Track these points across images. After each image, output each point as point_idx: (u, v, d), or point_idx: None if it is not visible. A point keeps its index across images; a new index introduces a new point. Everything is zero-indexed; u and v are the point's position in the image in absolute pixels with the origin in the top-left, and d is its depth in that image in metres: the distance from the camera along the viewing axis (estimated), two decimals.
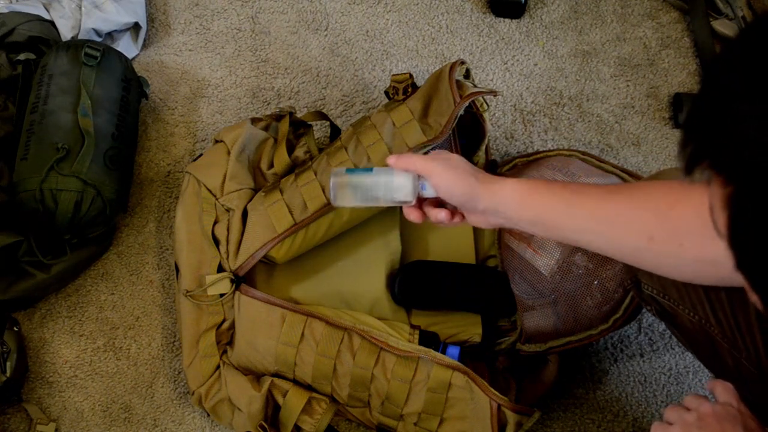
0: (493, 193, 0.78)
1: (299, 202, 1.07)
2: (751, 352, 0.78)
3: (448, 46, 1.39)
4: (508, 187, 0.77)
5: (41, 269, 1.16)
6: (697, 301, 0.81)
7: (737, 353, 0.79)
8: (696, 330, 0.83)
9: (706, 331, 0.82)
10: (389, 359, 1.02)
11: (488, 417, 1.00)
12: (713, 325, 0.80)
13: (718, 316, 0.79)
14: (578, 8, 1.41)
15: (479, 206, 0.78)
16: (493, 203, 0.78)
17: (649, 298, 0.87)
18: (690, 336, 0.86)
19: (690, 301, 0.82)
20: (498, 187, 0.78)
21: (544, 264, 1.06)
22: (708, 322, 0.81)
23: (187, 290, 1.09)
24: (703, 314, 0.81)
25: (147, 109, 1.35)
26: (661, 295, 0.85)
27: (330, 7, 1.42)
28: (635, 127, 1.32)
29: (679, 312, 0.84)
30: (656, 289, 0.85)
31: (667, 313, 0.87)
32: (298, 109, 1.34)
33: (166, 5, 1.43)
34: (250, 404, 1.04)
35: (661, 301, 0.85)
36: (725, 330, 0.80)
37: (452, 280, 1.12)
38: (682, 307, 0.83)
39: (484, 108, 1.12)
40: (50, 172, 1.11)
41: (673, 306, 0.84)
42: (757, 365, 0.78)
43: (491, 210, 0.78)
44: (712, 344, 0.82)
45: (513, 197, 0.77)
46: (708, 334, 0.82)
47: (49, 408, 1.18)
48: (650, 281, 0.86)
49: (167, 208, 1.29)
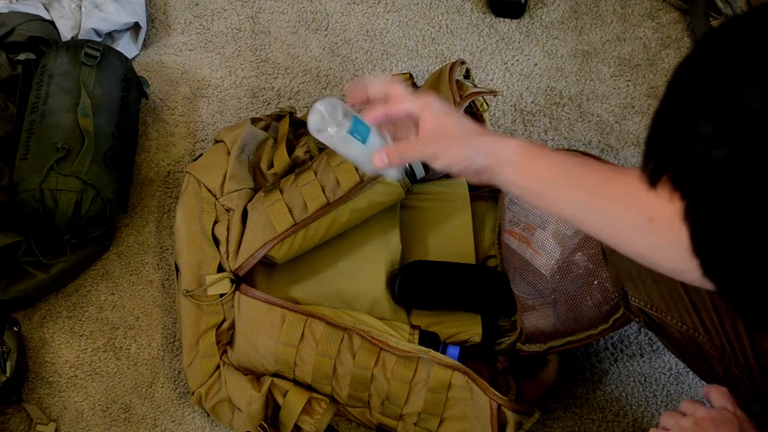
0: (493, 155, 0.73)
1: (299, 202, 1.07)
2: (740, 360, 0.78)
3: (448, 46, 1.39)
4: (510, 150, 0.73)
5: (41, 269, 1.16)
6: (685, 311, 0.81)
7: (727, 362, 0.79)
8: (685, 340, 0.83)
9: (695, 340, 0.82)
10: (389, 359, 1.02)
11: (488, 417, 1.00)
12: (701, 335, 0.80)
13: (706, 326, 0.79)
14: (578, 8, 1.41)
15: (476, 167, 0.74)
16: (491, 164, 0.73)
17: (637, 309, 0.87)
18: (679, 346, 0.86)
19: (677, 312, 0.82)
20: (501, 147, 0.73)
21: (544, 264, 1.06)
22: (696, 331, 0.81)
23: (187, 290, 1.09)
24: (690, 324, 0.81)
25: (147, 109, 1.35)
26: (649, 306, 0.85)
27: (330, 7, 1.42)
28: (635, 127, 1.32)
29: (666, 322, 0.84)
30: (643, 301, 0.85)
31: (655, 324, 0.87)
32: (298, 109, 1.34)
33: (166, 5, 1.43)
34: (250, 404, 1.04)
35: (649, 312, 0.85)
36: (713, 339, 0.80)
37: (452, 280, 1.12)
38: (669, 317, 0.83)
39: (484, 108, 1.12)
40: (50, 172, 1.11)
41: (661, 317, 0.84)
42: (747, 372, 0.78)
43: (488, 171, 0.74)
44: (701, 353, 0.82)
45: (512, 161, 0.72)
46: (697, 344, 0.82)
47: (49, 408, 1.18)
48: (637, 293, 0.86)
49: (167, 208, 1.29)
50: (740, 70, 0.43)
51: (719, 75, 0.44)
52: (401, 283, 1.09)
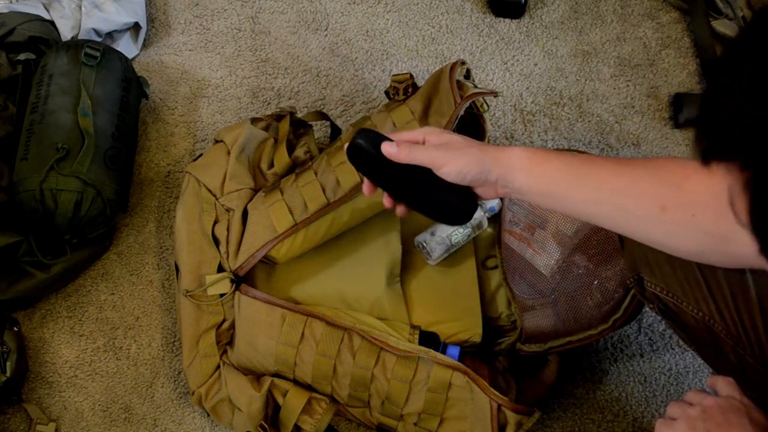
0: (502, 163, 0.76)
1: (299, 202, 1.07)
2: (756, 349, 0.78)
3: (448, 46, 1.39)
4: (515, 155, 0.76)
5: (41, 269, 1.16)
6: (701, 298, 0.81)
7: (741, 350, 0.79)
8: (700, 327, 0.83)
9: (710, 328, 0.81)
10: (389, 359, 1.02)
11: (488, 417, 1.00)
12: (717, 322, 0.80)
13: (723, 313, 0.79)
14: (578, 8, 1.41)
15: (491, 178, 0.76)
16: (503, 173, 0.76)
17: (652, 295, 0.87)
18: (693, 334, 0.86)
19: (694, 298, 0.81)
20: (506, 156, 0.76)
21: (544, 264, 1.06)
22: (712, 319, 0.81)
23: (187, 290, 1.09)
24: (707, 311, 0.81)
25: (147, 109, 1.35)
26: (665, 293, 0.84)
27: (330, 7, 1.42)
28: (635, 127, 1.32)
29: (682, 309, 0.83)
30: (660, 287, 0.85)
31: (670, 311, 0.86)
32: (298, 109, 1.34)
33: (166, 5, 1.43)
34: (250, 404, 1.04)
35: (665, 299, 0.85)
36: (729, 327, 0.79)
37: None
38: (686, 304, 0.82)
39: (484, 108, 1.12)
40: (50, 172, 1.11)
41: (677, 303, 0.84)
42: (762, 362, 0.78)
43: (501, 181, 0.77)
44: (715, 342, 0.82)
45: (521, 167, 0.75)
46: (712, 332, 0.82)
47: (49, 408, 1.18)
48: (653, 278, 0.85)
49: (167, 208, 1.29)
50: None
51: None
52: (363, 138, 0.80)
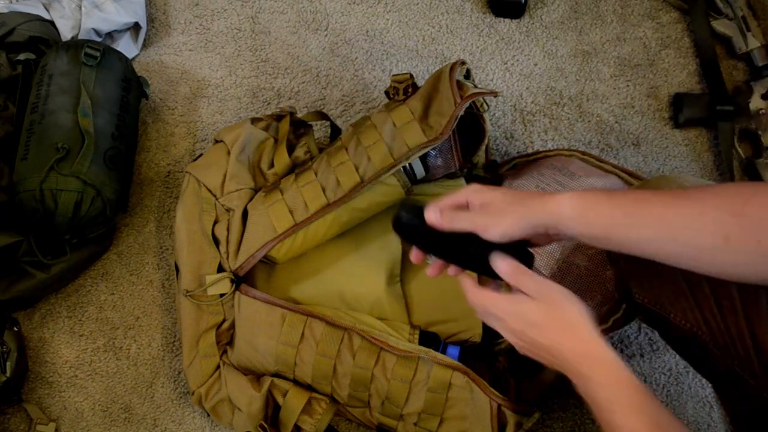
0: (551, 215, 0.75)
1: (299, 203, 1.07)
2: (744, 360, 0.78)
3: (448, 46, 1.39)
4: (564, 204, 0.74)
5: (41, 269, 1.16)
6: (688, 308, 0.81)
7: (729, 360, 0.79)
8: (688, 338, 0.83)
9: (699, 338, 0.82)
10: (389, 359, 1.02)
11: (488, 417, 1.00)
12: (704, 332, 0.80)
13: (710, 324, 0.79)
14: (578, 8, 1.41)
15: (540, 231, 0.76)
16: (553, 224, 0.75)
17: (641, 307, 0.87)
18: (681, 344, 0.86)
19: (681, 309, 0.82)
20: (554, 205, 0.75)
21: (544, 264, 1.06)
22: (700, 329, 0.81)
23: (187, 290, 1.09)
24: (694, 321, 0.81)
25: (147, 109, 1.35)
26: (653, 304, 0.85)
27: (330, 7, 1.42)
28: (635, 127, 1.32)
29: (670, 320, 0.84)
30: (647, 299, 0.85)
31: (657, 321, 0.87)
32: (298, 109, 1.34)
33: (166, 5, 1.43)
34: (250, 404, 1.04)
35: (653, 310, 0.86)
36: (717, 337, 0.79)
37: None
38: (673, 314, 0.83)
39: (484, 108, 1.12)
40: (50, 172, 1.11)
41: (664, 314, 0.84)
42: (751, 373, 0.78)
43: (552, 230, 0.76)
44: (703, 351, 0.82)
45: (572, 215, 0.74)
46: (699, 341, 0.82)
47: (49, 408, 1.18)
48: (641, 291, 0.86)
49: (167, 208, 1.29)
50: None
51: None
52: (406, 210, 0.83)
